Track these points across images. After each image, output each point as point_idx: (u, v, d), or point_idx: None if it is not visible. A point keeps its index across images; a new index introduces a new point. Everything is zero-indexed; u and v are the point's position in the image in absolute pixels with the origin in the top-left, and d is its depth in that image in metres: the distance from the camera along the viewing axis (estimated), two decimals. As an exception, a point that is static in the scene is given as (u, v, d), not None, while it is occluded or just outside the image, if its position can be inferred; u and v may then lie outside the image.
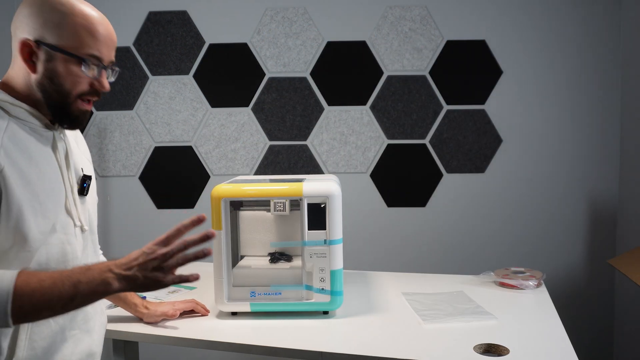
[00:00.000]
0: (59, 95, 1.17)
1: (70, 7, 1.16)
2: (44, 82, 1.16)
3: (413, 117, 2.95)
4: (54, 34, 1.14)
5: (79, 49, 1.16)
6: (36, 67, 1.16)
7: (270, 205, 1.74)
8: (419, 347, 1.48)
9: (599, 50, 2.86)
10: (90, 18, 1.17)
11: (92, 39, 1.17)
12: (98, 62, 1.19)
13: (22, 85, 1.18)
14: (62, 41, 1.15)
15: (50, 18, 1.14)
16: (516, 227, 2.96)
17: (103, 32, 1.19)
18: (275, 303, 1.72)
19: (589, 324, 2.94)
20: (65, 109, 1.19)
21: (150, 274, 1.08)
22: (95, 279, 1.05)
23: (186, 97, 3.00)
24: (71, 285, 1.03)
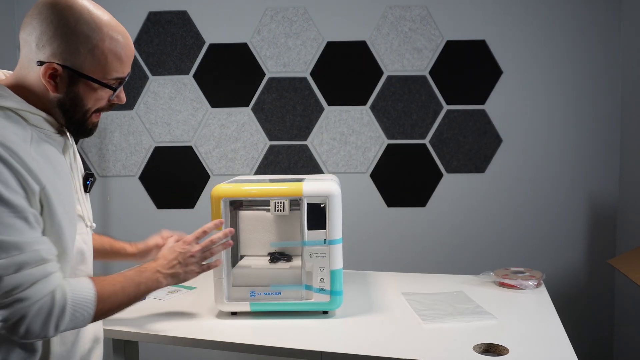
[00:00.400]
0: (79, 115, 1.18)
1: (99, 33, 1.12)
2: (66, 102, 1.15)
3: (413, 117, 2.95)
4: (82, 60, 1.12)
5: (106, 75, 1.15)
6: (57, 88, 1.13)
7: (270, 205, 1.74)
8: (419, 347, 1.48)
9: (599, 50, 2.86)
10: (117, 42, 1.15)
11: (118, 63, 1.16)
12: (121, 82, 1.20)
13: (36, 92, 1.15)
14: (90, 67, 1.13)
15: (80, 44, 1.11)
16: (516, 227, 2.96)
17: (128, 53, 1.18)
18: (275, 303, 1.72)
19: (589, 324, 2.94)
20: (82, 125, 1.20)
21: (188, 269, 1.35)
22: (150, 279, 1.27)
23: (186, 97, 3.00)
24: (135, 287, 1.24)
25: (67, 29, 1.10)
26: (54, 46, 1.10)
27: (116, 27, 1.16)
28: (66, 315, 1.09)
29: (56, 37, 1.10)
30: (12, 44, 3.00)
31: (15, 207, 1.04)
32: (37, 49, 1.11)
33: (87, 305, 1.13)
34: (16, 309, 1.04)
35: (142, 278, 1.27)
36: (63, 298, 1.09)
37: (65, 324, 1.10)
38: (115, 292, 1.20)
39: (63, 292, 1.10)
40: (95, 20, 1.12)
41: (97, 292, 1.15)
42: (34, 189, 1.07)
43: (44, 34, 1.10)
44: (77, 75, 1.13)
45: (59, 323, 1.09)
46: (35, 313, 1.06)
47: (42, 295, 1.06)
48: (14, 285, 1.04)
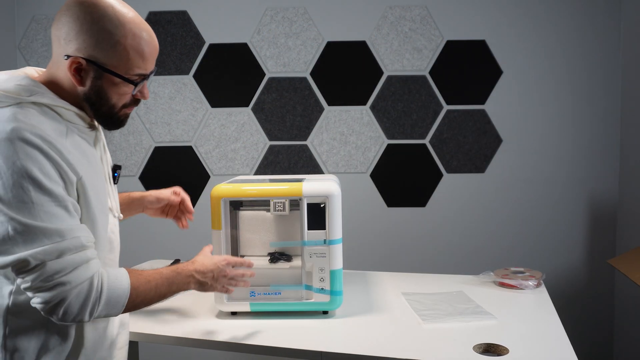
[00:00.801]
0: (106, 108, 1.23)
1: (122, 30, 1.17)
2: (91, 95, 1.20)
3: (413, 117, 2.95)
4: (105, 55, 1.16)
5: (128, 70, 1.19)
6: (83, 82, 1.18)
7: (270, 205, 1.74)
8: (419, 347, 1.48)
9: (599, 50, 2.86)
10: (140, 39, 1.19)
11: (141, 59, 1.20)
12: (143, 78, 1.23)
13: (68, 87, 1.20)
14: (113, 62, 1.17)
15: (103, 39, 1.16)
16: (516, 227, 2.96)
17: (151, 51, 1.22)
18: (275, 303, 1.72)
19: (589, 324, 2.94)
20: (111, 118, 1.25)
21: (216, 284, 1.43)
22: (183, 281, 1.35)
23: (186, 97, 3.00)
24: (167, 286, 1.31)
25: (92, 24, 1.15)
26: (79, 41, 1.16)
27: (140, 25, 1.20)
28: (102, 301, 1.15)
29: (82, 32, 1.15)
30: (12, 44, 3.00)
31: (57, 197, 1.11)
32: (64, 44, 1.17)
33: (121, 295, 1.19)
34: (57, 292, 1.10)
35: (176, 279, 1.33)
36: (100, 284, 1.15)
37: (100, 310, 1.16)
38: (149, 287, 1.26)
39: (100, 279, 1.16)
40: (119, 17, 1.17)
41: (132, 284, 1.21)
42: (72, 180, 1.14)
43: (72, 30, 1.16)
44: (101, 70, 1.17)
45: (94, 308, 1.15)
46: (74, 297, 1.11)
47: (81, 280, 1.12)
48: (57, 269, 1.09)
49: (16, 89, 1.15)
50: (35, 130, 1.09)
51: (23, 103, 1.14)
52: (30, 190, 1.08)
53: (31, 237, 1.08)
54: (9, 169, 1.07)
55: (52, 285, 1.09)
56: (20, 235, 1.07)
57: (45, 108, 1.16)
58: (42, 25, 3.00)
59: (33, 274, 1.08)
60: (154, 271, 1.30)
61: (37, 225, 1.08)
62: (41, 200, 1.09)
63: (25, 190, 1.07)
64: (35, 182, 1.08)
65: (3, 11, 2.95)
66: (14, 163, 1.07)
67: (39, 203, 1.08)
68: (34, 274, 1.08)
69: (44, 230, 1.08)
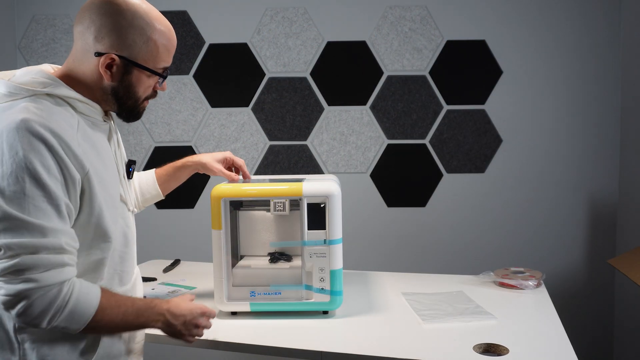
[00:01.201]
0: (132, 101, 1.28)
1: (152, 26, 1.24)
2: (120, 90, 1.25)
3: (413, 117, 2.95)
4: (137, 52, 1.23)
5: (157, 64, 1.27)
6: (113, 77, 1.23)
7: (270, 205, 1.74)
8: (419, 347, 1.48)
9: (599, 50, 2.86)
10: (167, 35, 1.27)
11: (167, 54, 1.28)
12: (166, 70, 1.31)
13: (88, 82, 1.23)
14: (143, 58, 1.24)
15: (135, 38, 1.21)
16: (516, 227, 2.96)
17: (174, 45, 1.31)
18: (275, 303, 1.72)
19: (589, 324, 2.94)
20: (134, 110, 1.30)
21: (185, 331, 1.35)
22: (152, 317, 1.28)
23: (186, 97, 3.00)
24: (135, 317, 1.25)
25: (125, 22, 1.21)
26: (112, 38, 1.20)
27: (164, 22, 1.29)
28: (64, 312, 1.12)
29: (114, 30, 1.20)
30: (12, 44, 3.00)
31: (51, 193, 1.10)
32: (95, 41, 1.21)
33: (86, 311, 1.15)
34: (23, 288, 1.08)
35: (146, 312, 1.27)
36: (69, 293, 1.12)
37: (60, 320, 1.12)
38: (117, 312, 1.21)
39: (71, 288, 1.13)
40: (148, 15, 1.24)
41: (100, 304, 1.17)
42: (75, 177, 1.14)
43: (103, 27, 1.20)
44: (132, 65, 1.23)
45: (55, 316, 1.11)
46: (38, 298, 1.09)
47: (51, 283, 1.10)
48: (29, 265, 1.08)
49: (31, 82, 1.17)
50: (44, 122, 1.11)
51: (37, 95, 1.16)
52: (26, 181, 1.08)
53: (13, 227, 1.07)
54: (11, 157, 1.08)
55: (20, 279, 1.08)
56: (2, 223, 1.07)
57: (59, 100, 1.19)
58: (42, 25, 3.00)
59: (4, 263, 1.08)
60: (127, 298, 1.27)
61: (22, 217, 1.07)
62: (34, 194, 1.08)
63: (21, 181, 1.08)
64: (32, 175, 1.08)
65: (3, 11, 2.95)
66: (17, 153, 1.08)
67: (30, 196, 1.08)
68: (5, 263, 1.07)
69: (27, 223, 1.08)
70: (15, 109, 1.12)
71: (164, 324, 1.30)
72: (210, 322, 1.42)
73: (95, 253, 1.23)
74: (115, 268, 1.30)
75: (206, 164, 1.75)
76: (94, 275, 1.24)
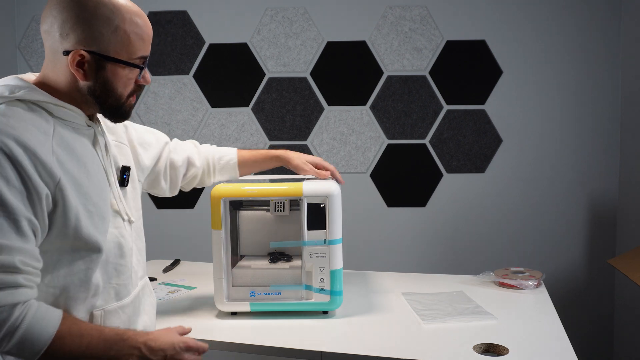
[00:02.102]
0: (112, 99, 1.18)
1: (119, 14, 1.13)
2: (96, 88, 1.16)
3: (413, 117, 2.95)
4: (107, 43, 1.13)
5: (132, 55, 1.16)
6: (86, 75, 1.14)
7: (270, 205, 1.74)
8: (419, 347, 1.48)
9: (599, 50, 2.86)
10: (137, 23, 1.16)
11: (140, 42, 1.17)
12: (144, 61, 1.20)
13: (63, 85, 1.16)
14: (116, 49, 1.14)
15: (102, 27, 1.12)
16: (516, 227, 2.96)
17: (149, 32, 1.20)
18: (275, 303, 1.72)
19: (589, 324, 2.94)
20: (119, 109, 1.21)
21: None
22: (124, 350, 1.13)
23: (186, 97, 3.00)
24: (103, 349, 1.11)
25: (88, 14, 1.11)
26: (77, 33, 1.11)
27: (133, 8, 1.17)
28: (15, 337, 1.02)
29: (78, 23, 1.11)
30: (12, 44, 3.00)
31: (8, 207, 1.02)
32: (60, 39, 1.12)
33: (40, 339, 1.04)
34: None
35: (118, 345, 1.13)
36: (20, 318, 1.03)
37: (10, 347, 1.02)
38: (80, 343, 1.09)
39: (23, 312, 1.03)
40: (113, 3, 1.13)
41: (58, 332, 1.06)
42: (41, 191, 1.05)
43: (66, 23, 1.11)
44: (104, 59, 1.13)
45: (3, 342, 1.01)
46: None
47: (1, 305, 1.01)
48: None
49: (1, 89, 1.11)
50: (11, 132, 1.03)
51: (8, 102, 1.09)
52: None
53: None
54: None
55: None
56: None
57: (33, 106, 1.11)
58: (42, 25, 3.00)
59: None
60: (94, 327, 1.14)
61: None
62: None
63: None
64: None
65: (3, 11, 2.95)
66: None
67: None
68: None
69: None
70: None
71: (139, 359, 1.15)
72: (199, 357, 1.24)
73: (79, 264, 1.14)
74: (109, 281, 1.21)
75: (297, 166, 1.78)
76: (82, 288, 1.15)
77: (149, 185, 1.62)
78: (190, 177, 1.72)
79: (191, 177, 1.72)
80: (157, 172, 1.61)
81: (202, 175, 1.75)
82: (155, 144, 1.58)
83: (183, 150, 1.70)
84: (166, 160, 1.63)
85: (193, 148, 1.74)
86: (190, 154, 1.71)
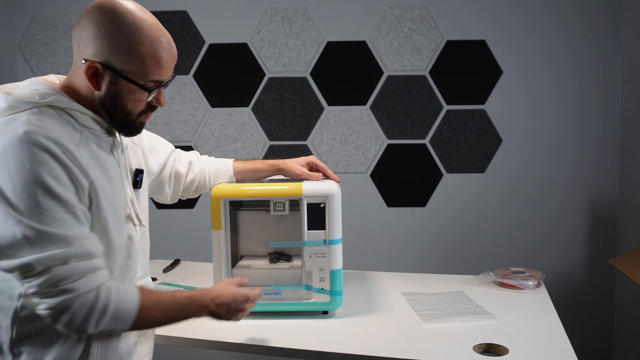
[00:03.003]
0: (122, 114, 1.22)
1: (139, 36, 1.17)
2: (107, 101, 1.20)
3: (413, 117, 2.95)
4: (121, 60, 1.16)
5: (143, 77, 1.19)
6: (100, 86, 1.18)
7: (270, 205, 1.74)
8: (419, 347, 1.48)
9: (599, 50, 2.86)
10: (156, 46, 1.19)
11: (156, 66, 1.20)
12: (159, 85, 1.23)
13: (86, 93, 1.21)
14: (128, 68, 1.17)
15: (119, 44, 1.15)
16: (516, 227, 2.96)
17: (168, 58, 1.23)
18: (275, 303, 1.72)
19: (589, 324, 2.94)
20: (127, 125, 1.25)
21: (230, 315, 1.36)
22: (196, 310, 1.29)
23: (186, 97, 3.00)
24: (178, 312, 1.26)
25: (111, 29, 1.15)
26: (96, 45, 1.16)
27: (159, 32, 1.21)
28: (107, 314, 1.13)
29: (99, 37, 1.15)
30: (12, 44, 3.00)
31: (66, 203, 1.10)
32: (83, 48, 1.17)
33: (129, 312, 1.16)
34: (63, 299, 1.08)
35: (190, 306, 1.28)
36: (107, 297, 1.13)
37: (105, 324, 1.14)
38: (159, 308, 1.23)
39: (108, 291, 1.14)
40: (137, 23, 1.17)
41: (140, 302, 1.18)
42: (84, 185, 1.13)
43: (90, 34, 1.16)
44: (116, 75, 1.17)
45: (99, 321, 1.13)
46: (79, 305, 1.10)
47: (87, 289, 1.11)
48: (63, 276, 1.08)
49: (31, 94, 1.16)
50: (47, 134, 1.09)
51: (39, 107, 1.14)
52: (39, 195, 1.07)
53: (38, 242, 1.07)
54: (19, 172, 1.06)
55: (58, 291, 1.08)
56: (27, 240, 1.06)
57: (61, 112, 1.16)
58: (42, 25, 3.00)
59: (39, 279, 1.08)
60: (167, 294, 1.27)
61: (44, 230, 1.07)
62: (49, 206, 1.08)
63: (34, 195, 1.06)
64: (44, 187, 1.07)
65: (3, 11, 2.95)
66: (24, 167, 1.06)
67: (47, 208, 1.07)
68: (40, 279, 1.08)
69: (51, 235, 1.07)
70: (17, 122, 1.10)
71: (209, 314, 1.33)
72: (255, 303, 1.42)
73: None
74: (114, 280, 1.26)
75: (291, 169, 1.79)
76: None
77: (152, 191, 1.66)
78: (189, 182, 1.75)
79: (190, 183, 1.75)
80: (163, 178, 1.65)
81: (198, 182, 1.77)
82: (163, 151, 1.63)
83: (185, 158, 1.75)
84: (171, 167, 1.67)
85: (193, 156, 1.79)
86: (191, 160, 1.75)
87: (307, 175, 1.80)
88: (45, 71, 2.96)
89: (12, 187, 1.06)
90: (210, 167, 1.78)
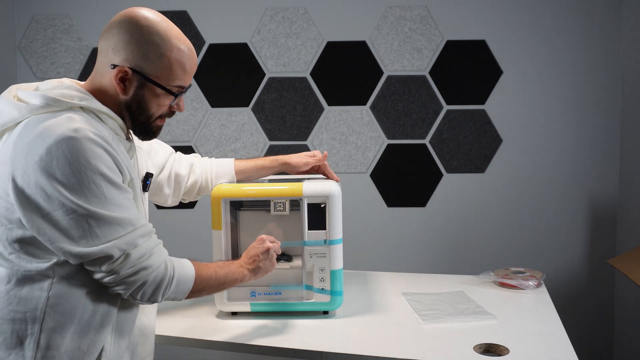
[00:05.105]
0: (144, 117, 1.30)
1: (168, 43, 1.26)
2: (132, 104, 1.28)
3: (413, 117, 2.95)
4: (151, 66, 1.25)
5: (170, 82, 1.28)
6: (127, 91, 1.26)
7: (270, 206, 1.74)
8: (419, 347, 1.48)
9: (599, 50, 2.86)
10: (184, 54, 1.28)
11: (182, 72, 1.29)
12: (182, 90, 1.32)
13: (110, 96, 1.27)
14: (157, 73, 1.26)
15: (149, 51, 1.24)
16: (516, 227, 2.96)
17: (192, 65, 1.31)
18: (275, 303, 1.72)
19: (589, 324, 2.94)
20: (147, 128, 1.33)
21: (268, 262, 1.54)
22: (238, 273, 1.47)
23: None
24: (224, 275, 1.43)
25: (141, 37, 1.24)
26: (127, 51, 1.24)
27: (184, 41, 1.30)
28: (172, 284, 1.27)
29: (131, 43, 1.24)
30: (12, 44, 3.00)
31: (123, 188, 1.21)
32: (112, 54, 1.25)
33: (188, 280, 1.31)
34: (140, 276, 1.21)
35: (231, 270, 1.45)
36: (172, 269, 1.27)
37: (169, 293, 1.27)
38: (210, 276, 1.38)
39: (172, 264, 1.28)
40: (166, 32, 1.27)
41: (196, 272, 1.33)
42: (127, 178, 1.25)
43: (121, 41, 1.24)
44: (144, 80, 1.25)
45: (166, 290, 1.26)
46: (152, 279, 1.23)
47: (159, 263, 1.24)
48: (138, 256, 1.20)
49: (67, 94, 1.21)
50: (96, 131, 1.17)
51: (73, 108, 1.21)
52: (101, 185, 1.16)
53: (108, 228, 1.16)
54: (79, 167, 1.13)
55: (136, 270, 1.19)
56: (99, 228, 1.15)
57: (92, 114, 1.23)
58: (42, 25, 3.00)
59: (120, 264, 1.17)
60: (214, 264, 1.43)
61: (112, 216, 1.16)
62: (112, 194, 1.17)
63: (98, 186, 1.15)
64: (104, 177, 1.16)
65: (3, 11, 2.95)
66: (83, 161, 1.13)
67: (110, 197, 1.17)
68: (121, 264, 1.18)
69: (119, 220, 1.17)
70: (60, 120, 1.16)
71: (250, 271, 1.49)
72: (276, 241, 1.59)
73: None
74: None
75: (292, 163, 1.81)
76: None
77: (150, 193, 1.68)
78: (190, 184, 1.75)
79: (192, 185, 1.76)
80: (161, 180, 1.67)
81: (200, 184, 1.78)
82: (162, 153, 1.67)
83: (187, 160, 1.76)
84: (170, 169, 1.69)
85: (194, 158, 1.80)
86: (192, 162, 1.77)
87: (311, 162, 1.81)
88: (45, 71, 2.96)
89: (77, 181, 1.13)
90: (212, 167, 1.78)
